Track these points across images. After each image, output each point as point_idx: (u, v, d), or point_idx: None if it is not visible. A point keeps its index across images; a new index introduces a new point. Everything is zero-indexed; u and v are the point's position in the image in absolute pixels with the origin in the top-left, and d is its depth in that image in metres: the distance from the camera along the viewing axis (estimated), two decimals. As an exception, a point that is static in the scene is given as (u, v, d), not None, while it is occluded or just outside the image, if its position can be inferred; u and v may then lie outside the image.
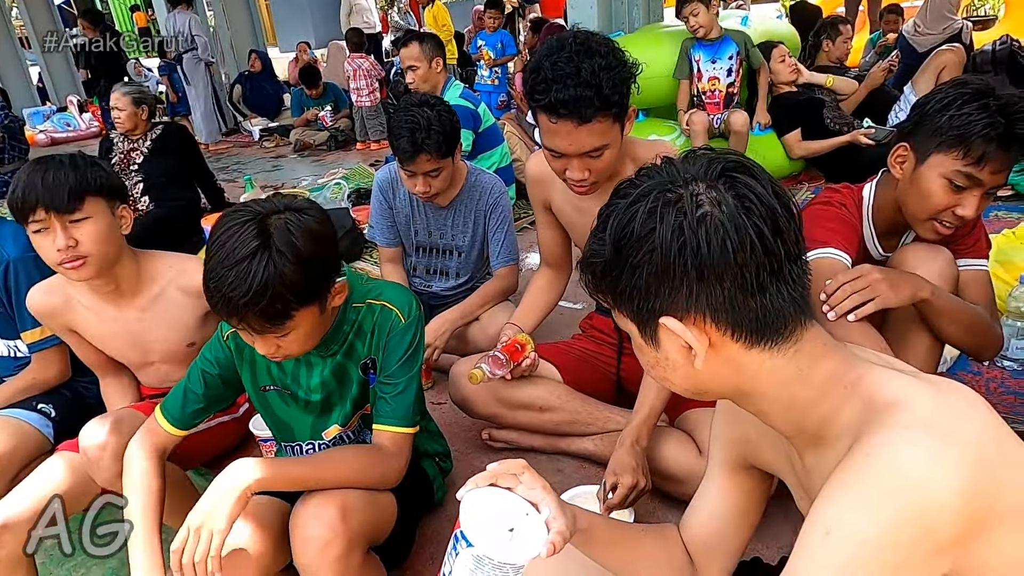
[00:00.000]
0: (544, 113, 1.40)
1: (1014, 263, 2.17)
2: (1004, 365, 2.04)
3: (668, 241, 0.67)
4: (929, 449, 0.61)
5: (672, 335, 0.71)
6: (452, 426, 2.01)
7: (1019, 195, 3.29)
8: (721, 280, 0.68)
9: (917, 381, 0.69)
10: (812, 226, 1.54)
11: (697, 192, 0.68)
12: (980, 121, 1.28)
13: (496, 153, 3.41)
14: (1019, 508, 0.63)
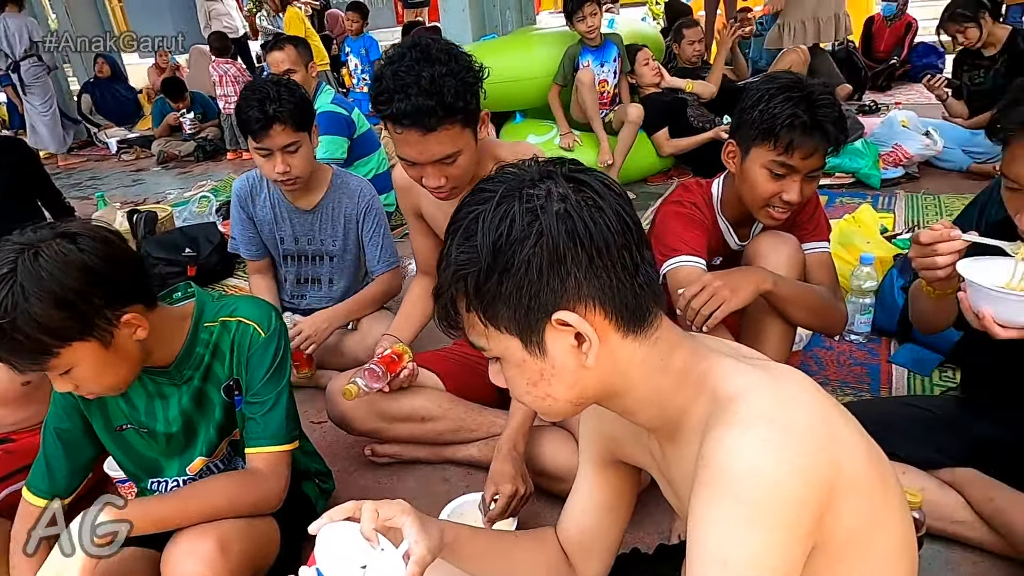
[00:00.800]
0: (390, 123, 1.38)
1: (855, 245, 2.37)
2: (851, 339, 2.22)
3: (555, 227, 0.66)
4: (774, 445, 0.63)
5: (560, 335, 0.70)
6: (333, 445, 1.94)
7: (860, 182, 3.60)
8: (608, 260, 0.68)
9: (756, 371, 0.72)
10: (664, 233, 1.62)
11: (559, 184, 0.69)
12: (784, 112, 1.40)
13: (373, 159, 3.33)
14: (851, 480, 0.67)
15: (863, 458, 0.69)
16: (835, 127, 1.41)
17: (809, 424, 0.66)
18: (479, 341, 0.74)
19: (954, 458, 1.43)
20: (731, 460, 0.64)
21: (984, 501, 1.36)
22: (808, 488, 0.63)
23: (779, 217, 1.52)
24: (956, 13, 3.79)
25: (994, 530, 1.35)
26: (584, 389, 0.75)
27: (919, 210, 3.25)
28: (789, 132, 1.40)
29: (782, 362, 1.61)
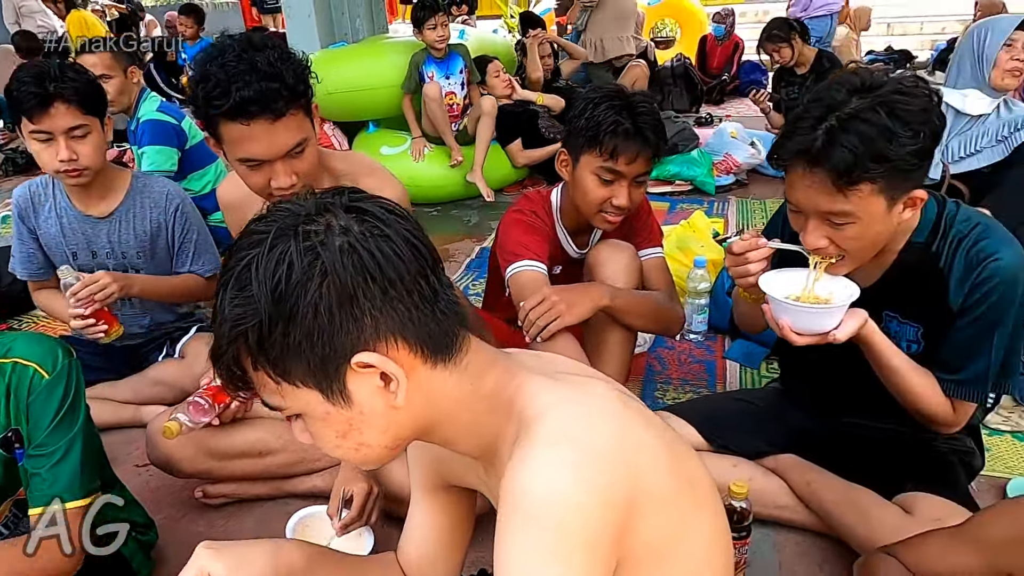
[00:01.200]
0: (230, 120, 1.27)
1: (691, 249, 2.52)
2: (691, 338, 2.35)
3: (340, 264, 0.61)
4: (573, 465, 0.62)
5: (364, 379, 0.65)
6: (160, 490, 1.75)
7: (697, 189, 3.86)
8: (404, 291, 0.64)
9: (562, 388, 0.71)
10: (505, 240, 1.64)
11: (344, 216, 0.64)
12: (607, 119, 1.46)
13: (210, 172, 3.09)
14: (654, 493, 0.67)
15: (665, 469, 0.69)
16: (655, 134, 1.49)
17: (611, 441, 0.66)
18: (274, 400, 0.68)
19: (777, 446, 1.54)
20: (529, 483, 0.62)
21: (802, 484, 1.47)
22: (608, 507, 0.62)
23: (613, 221, 1.58)
24: (772, 34, 4.20)
25: (812, 511, 1.46)
26: (399, 430, 0.71)
27: (748, 214, 3.53)
28: (613, 138, 1.46)
29: (626, 367, 1.71)
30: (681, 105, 5.94)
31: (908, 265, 1.25)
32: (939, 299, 1.22)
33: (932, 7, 9.53)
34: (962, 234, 1.20)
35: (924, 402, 1.26)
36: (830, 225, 1.13)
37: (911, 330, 1.29)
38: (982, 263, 1.17)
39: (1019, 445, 1.76)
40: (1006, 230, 1.22)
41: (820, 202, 1.11)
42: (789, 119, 1.16)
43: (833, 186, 1.07)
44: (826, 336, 1.17)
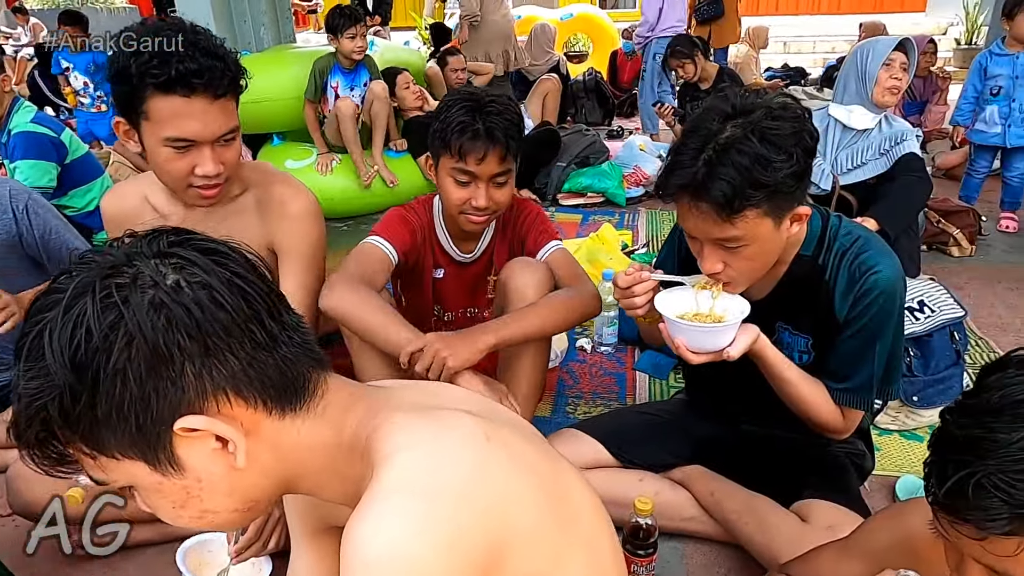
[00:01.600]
0: (166, 94, 1.20)
1: (600, 261, 2.54)
2: (602, 351, 2.35)
3: (149, 322, 0.55)
4: (415, 517, 0.57)
5: (195, 443, 0.59)
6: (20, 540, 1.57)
7: (609, 201, 3.92)
8: (232, 341, 0.58)
9: (420, 427, 0.65)
10: (384, 221, 1.67)
11: (154, 265, 0.58)
12: (455, 120, 1.49)
13: (95, 187, 2.87)
14: (521, 534, 0.63)
15: (536, 505, 0.65)
16: (504, 133, 1.49)
17: (465, 485, 0.61)
18: (97, 475, 0.61)
19: (683, 457, 1.55)
20: (368, 538, 0.56)
21: (706, 495, 1.48)
22: (458, 556, 0.57)
23: (476, 221, 1.59)
24: (675, 50, 4.34)
25: (716, 520, 1.47)
26: (248, 491, 0.65)
27: (658, 225, 3.61)
28: (460, 138, 1.48)
29: (539, 382, 1.68)
30: (594, 118, 6.07)
31: (797, 278, 1.28)
32: (826, 311, 1.26)
33: (823, 28, 10.22)
34: (845, 247, 1.24)
35: (815, 411, 1.29)
36: (724, 250, 1.16)
37: (802, 341, 1.32)
38: (864, 275, 1.21)
39: (906, 443, 1.85)
40: (884, 243, 1.27)
41: (710, 231, 1.14)
42: (669, 152, 1.18)
43: (719, 216, 1.09)
44: (720, 353, 1.19)
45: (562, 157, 4.00)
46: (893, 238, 2.20)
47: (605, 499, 1.45)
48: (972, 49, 7.68)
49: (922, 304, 1.90)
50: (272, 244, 1.52)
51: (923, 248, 3.06)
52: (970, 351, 2.22)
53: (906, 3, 11.71)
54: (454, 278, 1.76)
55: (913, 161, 2.33)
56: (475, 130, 1.46)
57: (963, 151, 3.90)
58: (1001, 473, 0.62)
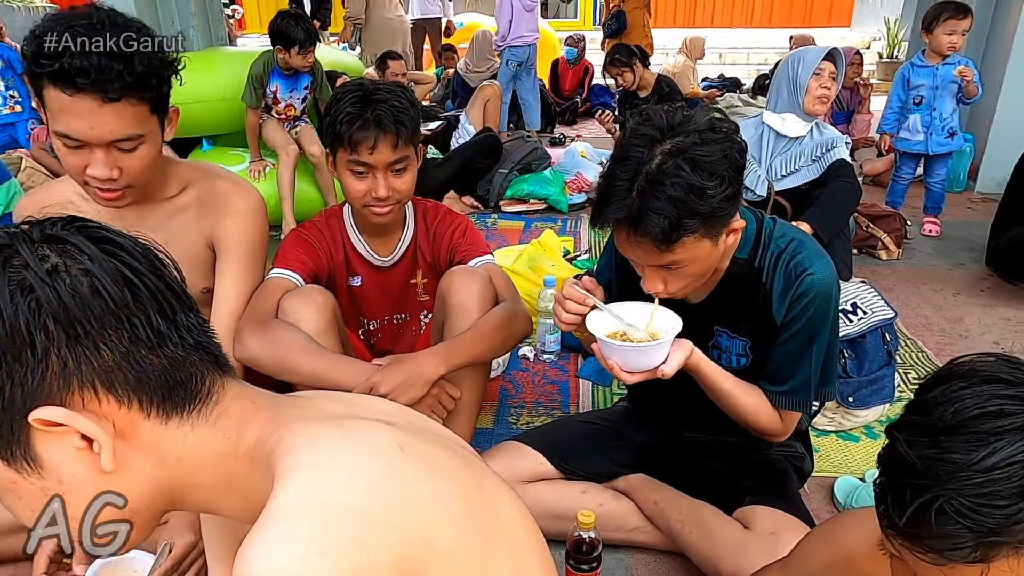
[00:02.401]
0: (54, 86, 1.11)
1: (541, 267, 2.51)
2: (544, 359, 2.32)
3: (13, 304, 0.51)
4: (307, 539, 0.51)
5: (56, 439, 0.54)
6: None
7: (551, 208, 3.90)
8: (104, 335, 0.54)
9: (325, 440, 0.60)
10: (280, 251, 1.62)
11: (34, 248, 0.54)
12: (344, 112, 1.47)
13: (1, 192, 2.67)
14: (439, 550, 0.57)
15: (454, 523, 0.60)
16: (393, 120, 1.47)
17: (369, 501, 0.55)
18: None
19: (626, 465, 1.52)
20: (248, 566, 0.51)
21: (649, 504, 1.46)
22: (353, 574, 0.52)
23: (381, 212, 1.56)
24: (614, 59, 4.38)
25: (660, 530, 1.44)
26: (130, 503, 0.59)
27: (600, 231, 3.61)
28: (349, 129, 1.46)
29: (479, 397, 1.63)
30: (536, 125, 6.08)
31: (735, 280, 1.27)
32: (764, 313, 1.25)
33: (756, 40, 10.61)
34: (780, 249, 1.24)
35: (754, 418, 1.28)
36: (665, 270, 1.15)
37: (740, 344, 1.31)
38: (799, 277, 1.21)
39: (843, 444, 1.88)
40: (818, 245, 1.27)
41: (650, 259, 1.13)
42: (601, 183, 1.15)
43: (657, 247, 1.08)
44: (655, 371, 1.17)
45: (504, 164, 3.97)
46: (827, 242, 2.25)
47: (548, 513, 1.43)
48: (893, 62, 8.07)
49: (855, 306, 1.94)
50: (212, 241, 1.45)
51: (854, 252, 3.16)
52: (900, 351, 2.28)
53: (832, 18, 12.30)
54: (375, 285, 1.70)
55: (843, 167, 2.39)
56: (364, 119, 1.44)
57: (889, 158, 4.07)
58: (963, 498, 0.59)
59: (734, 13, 12.87)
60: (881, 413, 1.95)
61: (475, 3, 10.56)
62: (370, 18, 5.90)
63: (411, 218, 1.71)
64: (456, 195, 3.95)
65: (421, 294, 1.77)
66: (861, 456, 1.82)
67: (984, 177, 4.29)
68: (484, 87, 4.96)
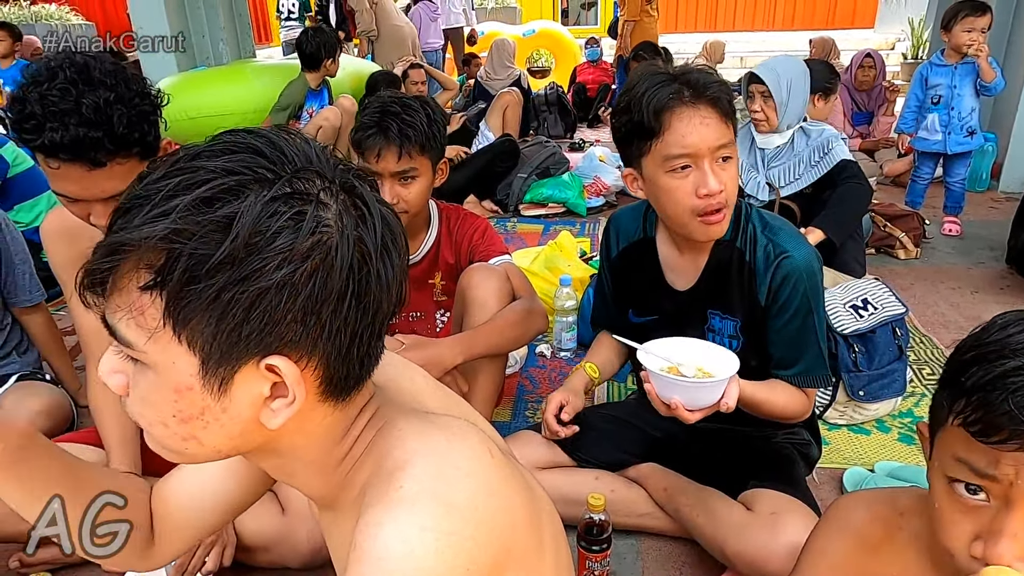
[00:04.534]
0: (42, 156, 1.15)
1: (558, 267, 2.57)
2: (561, 356, 2.38)
3: (345, 258, 0.53)
4: (434, 527, 0.55)
5: (254, 380, 0.54)
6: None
7: (570, 211, 3.97)
8: (361, 309, 0.55)
9: (431, 435, 0.63)
10: None
11: (346, 198, 0.55)
12: (361, 120, 1.59)
13: (41, 202, 2.83)
14: (513, 555, 0.62)
15: (526, 526, 0.64)
16: (399, 132, 1.56)
17: (478, 499, 0.59)
18: (130, 333, 0.53)
19: (637, 455, 1.57)
20: (386, 547, 0.54)
21: (659, 491, 1.51)
22: (467, 571, 0.56)
23: None
24: (638, 54, 4.42)
25: (670, 515, 1.49)
26: (243, 444, 0.60)
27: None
28: (361, 135, 1.59)
29: (497, 390, 1.70)
30: (556, 132, 6.14)
31: (721, 261, 1.32)
32: (750, 291, 1.31)
33: (778, 44, 10.53)
34: (759, 231, 1.30)
35: (791, 410, 1.31)
36: (720, 166, 1.20)
37: (731, 324, 1.35)
38: (778, 258, 1.27)
39: (854, 437, 1.90)
40: (794, 228, 1.33)
41: (716, 135, 1.19)
42: (634, 94, 1.22)
43: (720, 116, 1.18)
44: (716, 406, 1.16)
45: (523, 168, 4.05)
46: (839, 245, 2.28)
47: (561, 498, 1.49)
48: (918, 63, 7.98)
49: (866, 302, 1.97)
50: None
51: (871, 251, 3.16)
52: (913, 347, 2.30)
53: (856, 19, 12.17)
54: None
55: (848, 167, 2.40)
56: (374, 130, 1.56)
57: (908, 159, 4.05)
58: None
59: (755, 16, 12.81)
60: (892, 407, 1.97)
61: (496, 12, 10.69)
62: (380, 29, 6.05)
63: (435, 221, 1.79)
64: (476, 199, 4.03)
65: (438, 294, 1.84)
66: (872, 448, 1.85)
67: (1007, 176, 4.25)
68: (503, 94, 5.04)
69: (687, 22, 12.83)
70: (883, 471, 1.72)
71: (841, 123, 4.78)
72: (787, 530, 1.22)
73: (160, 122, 1.25)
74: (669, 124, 1.18)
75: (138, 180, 0.53)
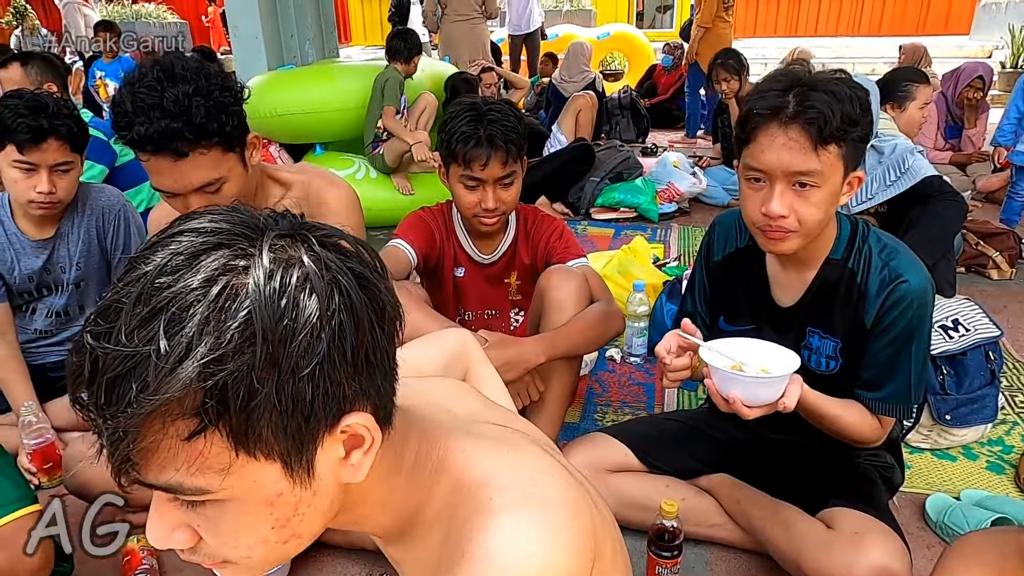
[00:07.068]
0: (137, 151, 1.26)
1: (631, 272, 2.57)
2: (631, 361, 2.38)
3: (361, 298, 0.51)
4: (540, 527, 0.56)
5: (332, 447, 0.53)
6: (77, 517, 1.64)
7: (641, 216, 3.94)
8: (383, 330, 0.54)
9: (495, 448, 0.65)
10: (402, 225, 1.79)
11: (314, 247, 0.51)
12: (458, 131, 1.60)
13: (143, 191, 3.00)
14: (600, 557, 0.63)
15: (604, 530, 0.66)
16: (504, 138, 1.59)
17: (563, 494, 0.61)
18: (198, 482, 0.48)
19: (709, 464, 1.56)
20: (497, 550, 0.54)
21: (732, 502, 1.49)
22: (578, 561, 0.57)
23: (488, 222, 1.69)
24: (727, 63, 4.31)
25: (742, 528, 1.48)
26: (331, 513, 0.58)
27: (689, 240, 3.62)
28: (463, 146, 1.59)
29: (572, 390, 1.73)
30: (628, 136, 6.11)
31: (828, 281, 1.29)
32: (856, 315, 1.27)
33: (863, 50, 10.11)
34: (875, 253, 1.26)
35: (855, 433, 1.29)
36: (795, 192, 1.16)
37: (831, 344, 1.32)
38: (893, 283, 1.22)
39: (938, 462, 1.83)
40: (912, 253, 1.28)
41: (794, 161, 1.13)
42: (753, 92, 1.19)
43: (809, 142, 1.11)
44: (775, 405, 1.15)
45: (596, 172, 4.05)
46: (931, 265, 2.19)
47: (631, 503, 1.50)
48: (1018, 72, 7.53)
49: (956, 322, 1.89)
50: None
51: (961, 270, 3.02)
52: (1007, 372, 2.19)
53: (949, 25, 11.56)
54: (475, 277, 1.85)
55: (935, 183, 2.31)
56: (477, 138, 1.58)
57: (1004, 174, 3.84)
58: None
59: (840, 21, 12.33)
60: (981, 434, 1.89)
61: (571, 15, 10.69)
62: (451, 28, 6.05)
63: (513, 222, 1.83)
64: (547, 201, 4.06)
65: (514, 293, 1.88)
66: (957, 475, 1.77)
67: (1116, 196, 3.96)
68: (576, 98, 5.06)
69: (766, 26, 12.48)
70: (970, 500, 1.65)
71: (933, 135, 4.57)
72: (871, 551, 1.19)
73: (242, 113, 1.33)
74: (755, 136, 1.16)
75: (99, 337, 0.45)
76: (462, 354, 1.06)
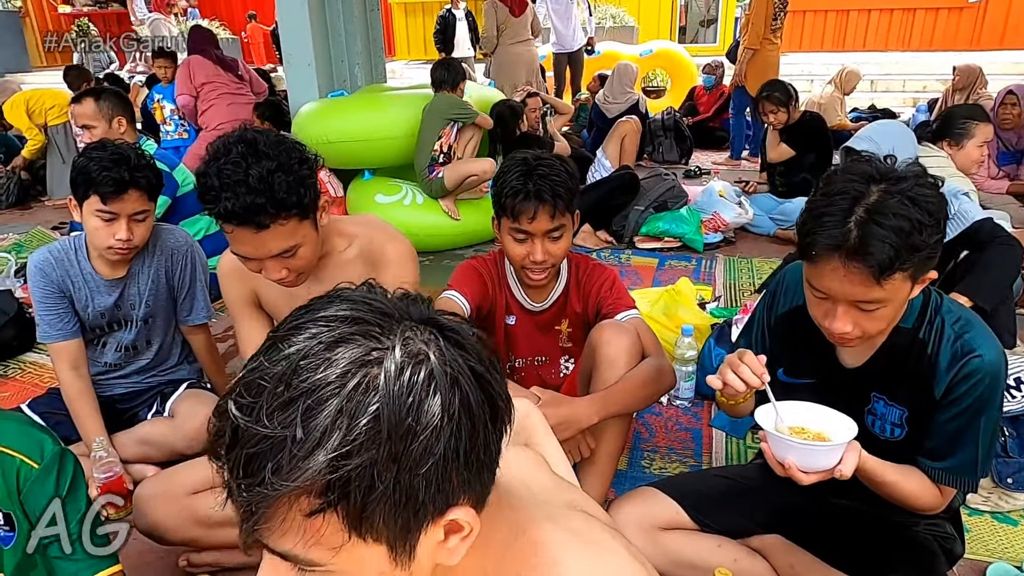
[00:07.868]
0: (220, 220, 1.33)
1: (678, 316, 2.56)
2: (678, 404, 2.37)
3: (477, 396, 0.55)
4: None
5: (433, 534, 0.56)
6: (144, 554, 1.72)
7: (686, 246, 3.92)
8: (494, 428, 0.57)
9: (579, 545, 0.68)
10: (455, 276, 1.84)
11: (440, 337, 0.55)
12: (507, 185, 1.64)
13: (202, 220, 3.13)
14: None
15: None
16: (552, 193, 1.61)
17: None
18: (312, 555, 0.52)
19: (762, 524, 1.55)
20: None
21: (786, 567, 1.48)
22: None
23: (536, 278, 1.72)
24: (773, 96, 4.24)
25: (795, 595, 1.47)
26: None
27: (735, 273, 3.59)
28: (512, 201, 1.63)
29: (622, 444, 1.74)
30: (671, 157, 6.08)
31: (897, 348, 1.27)
32: (925, 385, 1.25)
33: (914, 66, 9.85)
34: (947, 324, 1.24)
35: (915, 501, 1.27)
36: (859, 311, 1.15)
37: (896, 412, 1.31)
38: (966, 356, 1.20)
39: (999, 526, 1.78)
40: (985, 325, 1.25)
41: (856, 293, 1.12)
42: (810, 211, 1.16)
43: (871, 278, 1.09)
44: (831, 472, 1.16)
45: (640, 200, 4.04)
46: (989, 312, 2.14)
47: (682, 562, 1.50)
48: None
49: (1019, 381, 1.85)
50: None
51: (1020, 311, 2.93)
52: (1071, 430, 2.12)
53: (1006, 40, 11.19)
54: (526, 325, 1.88)
55: (987, 227, 2.25)
56: (526, 192, 1.61)
57: (1067, 208, 3.72)
58: None
59: (890, 35, 12.04)
60: (1045, 497, 1.84)
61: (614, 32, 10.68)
62: (501, 53, 6.15)
63: (564, 269, 1.85)
64: (591, 229, 4.07)
65: (564, 341, 1.91)
66: (1020, 541, 1.73)
67: None
68: (622, 123, 5.06)
69: (812, 40, 12.26)
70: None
71: (986, 163, 4.45)
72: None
73: (316, 184, 1.40)
74: (816, 262, 1.15)
75: (236, 429, 0.50)
76: (525, 424, 1.08)
